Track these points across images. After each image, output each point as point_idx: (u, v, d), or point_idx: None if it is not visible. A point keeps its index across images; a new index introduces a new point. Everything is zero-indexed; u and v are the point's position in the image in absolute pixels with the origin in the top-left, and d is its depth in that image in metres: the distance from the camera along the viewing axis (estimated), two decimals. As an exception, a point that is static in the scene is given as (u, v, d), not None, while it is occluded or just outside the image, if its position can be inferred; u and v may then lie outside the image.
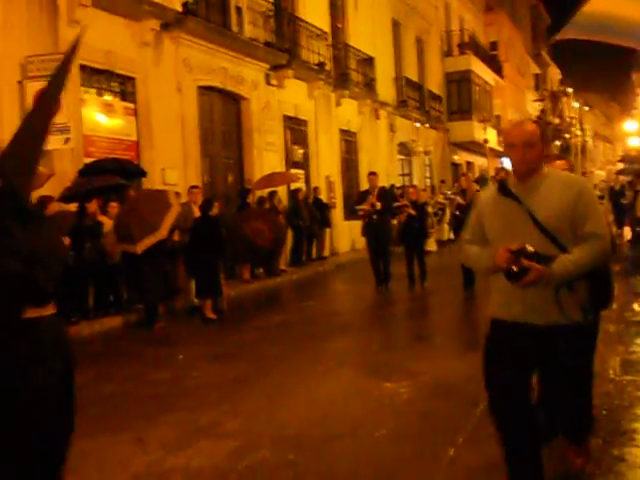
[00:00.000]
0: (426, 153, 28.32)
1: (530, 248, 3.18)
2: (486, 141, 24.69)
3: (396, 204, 13.66)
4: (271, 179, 16.21)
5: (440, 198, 21.73)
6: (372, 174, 13.47)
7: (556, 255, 3.23)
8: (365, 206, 12.57)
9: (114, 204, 11.10)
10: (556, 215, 3.24)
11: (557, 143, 30.75)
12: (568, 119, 28.05)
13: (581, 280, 3.28)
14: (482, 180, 23.33)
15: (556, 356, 3.40)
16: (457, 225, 13.06)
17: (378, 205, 12.51)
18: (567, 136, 26.44)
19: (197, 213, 10.98)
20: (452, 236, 19.28)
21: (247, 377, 6.95)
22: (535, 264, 3.18)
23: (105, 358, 8.39)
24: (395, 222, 13.60)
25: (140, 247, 9.85)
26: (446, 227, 21.38)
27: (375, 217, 12.55)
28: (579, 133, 25.97)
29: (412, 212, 12.73)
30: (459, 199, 13.24)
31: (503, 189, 3.38)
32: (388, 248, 13.02)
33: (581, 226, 3.25)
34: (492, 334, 3.57)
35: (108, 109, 12.76)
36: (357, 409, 5.69)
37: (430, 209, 18.07)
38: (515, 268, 3.19)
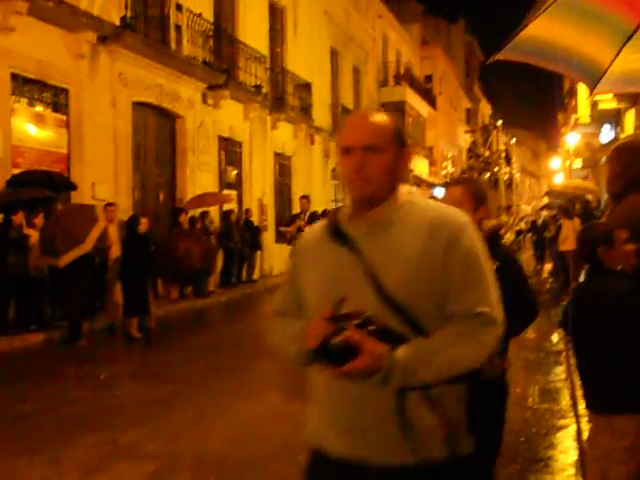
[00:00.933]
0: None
1: (368, 315, 1.86)
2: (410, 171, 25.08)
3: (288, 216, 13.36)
4: (203, 199, 16.11)
5: None
6: (304, 198, 13.41)
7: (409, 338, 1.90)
8: (290, 228, 12.34)
9: (40, 217, 10.83)
10: (411, 276, 1.93)
11: (486, 176, 31.57)
12: (498, 151, 28.71)
13: (450, 387, 1.96)
14: None
15: None
16: None
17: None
18: (496, 169, 27.05)
19: (113, 232, 10.82)
20: None
21: (171, 398, 6.85)
22: (369, 342, 1.83)
23: (24, 375, 8.14)
24: None
25: (63, 261, 9.65)
26: None
27: None
28: (507, 169, 26.67)
29: (302, 223, 12.13)
30: None
31: (332, 228, 2.08)
32: None
33: (454, 300, 1.95)
34: (309, 472, 2.31)
35: (39, 120, 12.50)
36: (281, 432, 5.67)
37: None
38: (334, 342, 1.81)
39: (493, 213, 22.34)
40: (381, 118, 2.12)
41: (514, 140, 22.80)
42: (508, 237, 17.65)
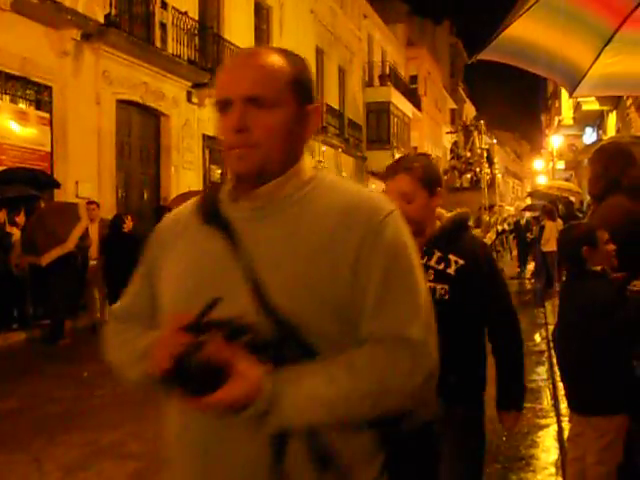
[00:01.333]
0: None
1: (243, 322, 1.32)
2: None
3: None
4: (187, 197, 15.82)
5: None
6: None
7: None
8: None
9: (22, 215, 10.76)
10: (305, 280, 1.37)
11: (468, 176, 31.66)
12: (479, 151, 28.69)
13: (355, 436, 1.39)
14: None
15: None
16: None
17: None
18: (478, 169, 27.12)
19: (94, 231, 10.75)
20: None
21: (154, 397, 6.80)
22: (242, 360, 1.29)
23: (5, 374, 8.07)
24: None
25: (45, 259, 9.59)
26: None
27: None
28: (488, 170, 26.74)
29: None
30: None
31: (207, 208, 1.55)
32: None
33: (370, 317, 1.38)
34: None
35: (22, 117, 12.42)
36: (264, 432, 5.66)
37: None
38: (193, 361, 1.26)
39: (474, 213, 22.20)
40: (273, 59, 1.49)
41: (495, 141, 22.80)
42: (489, 236, 17.84)
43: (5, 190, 10.51)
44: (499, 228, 19.44)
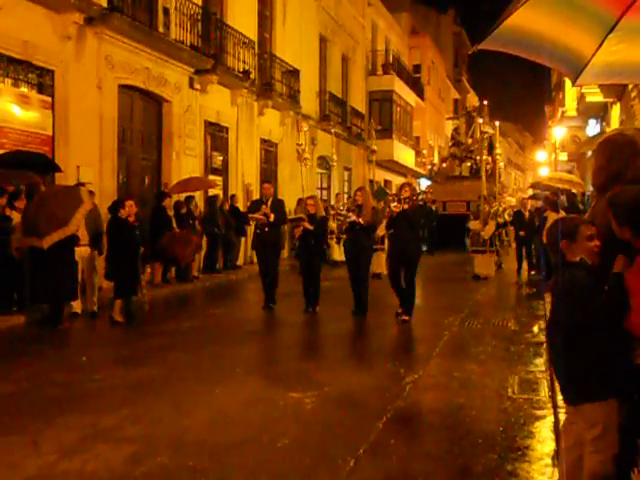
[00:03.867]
0: (346, 169, 28.58)
1: None
2: (373, 152, 24.14)
3: (291, 217, 12.77)
4: (188, 183, 16.05)
5: (332, 213, 17.50)
6: (266, 182, 12.58)
7: None
8: (258, 215, 11.59)
9: (23, 199, 10.74)
10: None
11: (468, 164, 31.22)
12: (479, 136, 28.19)
13: None
14: (380, 193, 20.46)
15: None
16: (348, 246, 11.29)
17: (272, 217, 11.50)
18: (478, 158, 26.78)
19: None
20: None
21: (151, 382, 6.84)
22: None
23: (3, 357, 8.11)
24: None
25: (47, 242, 9.58)
26: (335, 247, 19.23)
27: (267, 229, 11.59)
28: (489, 158, 26.17)
29: (308, 227, 11.30)
30: (353, 216, 10.96)
31: None
32: (277, 266, 12.03)
33: None
34: None
35: (23, 101, 12.38)
36: (261, 417, 5.68)
37: (333, 224, 16.71)
38: None
39: (474, 203, 21.51)
40: None
41: (497, 123, 22.18)
42: (488, 230, 16.95)
43: (6, 176, 10.49)
44: (499, 220, 18.11)
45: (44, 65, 12.72)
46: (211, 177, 18.58)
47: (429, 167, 32.37)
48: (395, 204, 10.44)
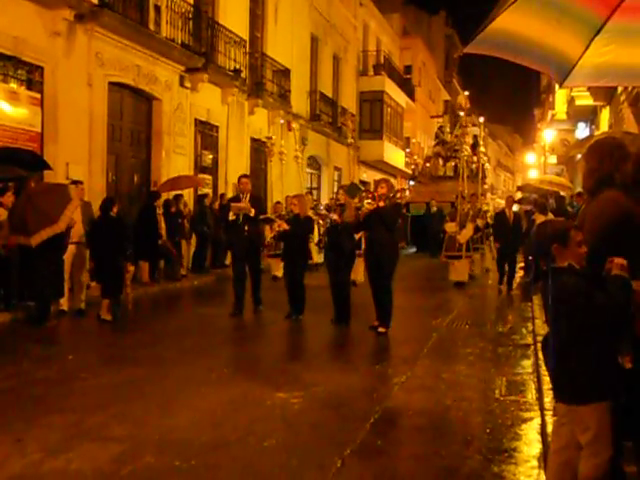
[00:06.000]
0: (336, 169, 28.55)
1: None
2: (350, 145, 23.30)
3: (262, 216, 11.63)
4: (177, 182, 16.01)
5: (310, 213, 14.55)
6: (244, 177, 11.71)
7: None
8: (242, 204, 10.91)
9: (9, 195, 10.65)
10: None
11: (452, 164, 30.80)
12: (460, 132, 27.73)
13: None
14: (353, 189, 19.79)
15: None
16: (328, 246, 10.67)
17: (252, 212, 10.85)
18: (461, 155, 26.47)
19: (77, 212, 10.56)
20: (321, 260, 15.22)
21: (138, 381, 6.81)
22: None
23: (-11, 354, 8.06)
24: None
25: (35, 240, 9.52)
26: (314, 249, 16.48)
27: (247, 228, 10.93)
28: (474, 157, 25.48)
29: (284, 227, 10.76)
30: (334, 216, 10.36)
31: None
32: (259, 265, 11.45)
33: None
34: None
35: (12, 97, 12.29)
36: (248, 417, 5.66)
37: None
38: None
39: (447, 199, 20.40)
40: None
41: (482, 119, 21.59)
42: (465, 233, 15.26)
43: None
44: (479, 223, 16.26)
45: (33, 61, 12.65)
46: (201, 176, 18.54)
47: (412, 167, 31.98)
48: (369, 201, 9.59)
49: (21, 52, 12.21)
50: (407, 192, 26.28)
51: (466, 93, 37.89)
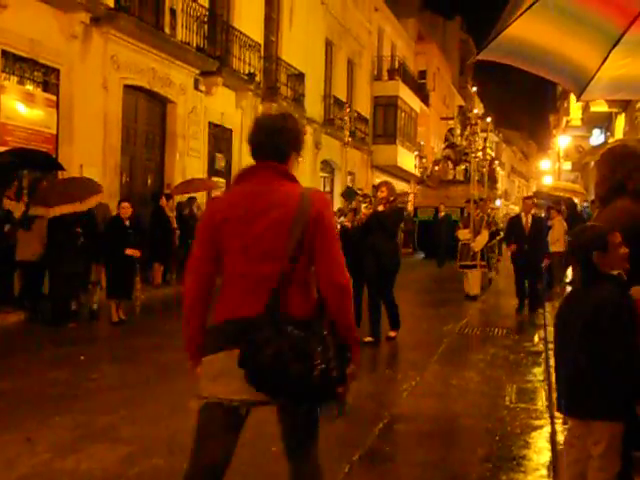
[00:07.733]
0: (350, 173, 28.52)
1: None
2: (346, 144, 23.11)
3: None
4: (191, 184, 16.06)
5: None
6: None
7: None
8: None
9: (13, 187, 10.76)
10: None
11: (462, 167, 30.01)
12: (473, 141, 27.04)
13: None
14: (349, 193, 18.63)
15: None
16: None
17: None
18: (471, 159, 25.80)
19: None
20: None
21: (149, 382, 6.83)
22: None
23: (1, 354, 8.10)
24: None
25: (55, 211, 9.55)
26: None
27: None
28: (480, 156, 24.81)
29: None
30: (345, 221, 10.05)
31: None
32: None
33: None
34: None
35: (28, 99, 12.40)
36: (257, 419, 5.64)
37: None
38: None
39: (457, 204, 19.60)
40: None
41: (489, 120, 20.81)
42: (480, 240, 14.07)
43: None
44: (492, 229, 15.34)
45: (50, 64, 12.75)
46: (214, 179, 18.58)
47: (421, 170, 31.49)
48: (366, 205, 9.23)
49: (37, 54, 12.31)
50: (410, 196, 25.72)
51: (474, 89, 37.43)
